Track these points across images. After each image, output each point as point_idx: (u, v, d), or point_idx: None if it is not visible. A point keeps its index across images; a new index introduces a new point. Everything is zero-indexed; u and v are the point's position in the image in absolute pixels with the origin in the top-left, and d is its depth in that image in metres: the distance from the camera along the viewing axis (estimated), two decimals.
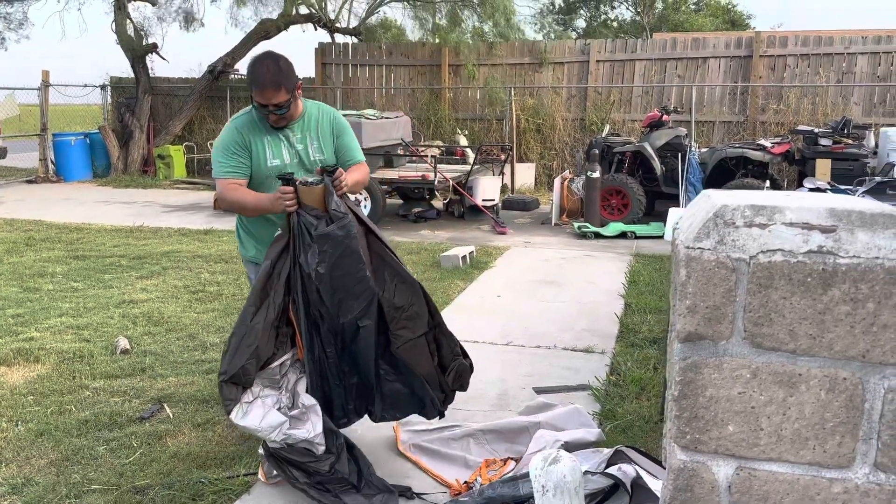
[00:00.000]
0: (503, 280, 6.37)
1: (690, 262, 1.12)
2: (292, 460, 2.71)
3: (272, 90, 2.78)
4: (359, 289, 2.73)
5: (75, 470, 3.07)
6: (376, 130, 8.96)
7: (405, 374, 2.90)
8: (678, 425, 1.16)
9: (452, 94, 12.85)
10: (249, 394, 2.68)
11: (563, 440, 2.93)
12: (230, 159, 2.92)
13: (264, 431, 2.64)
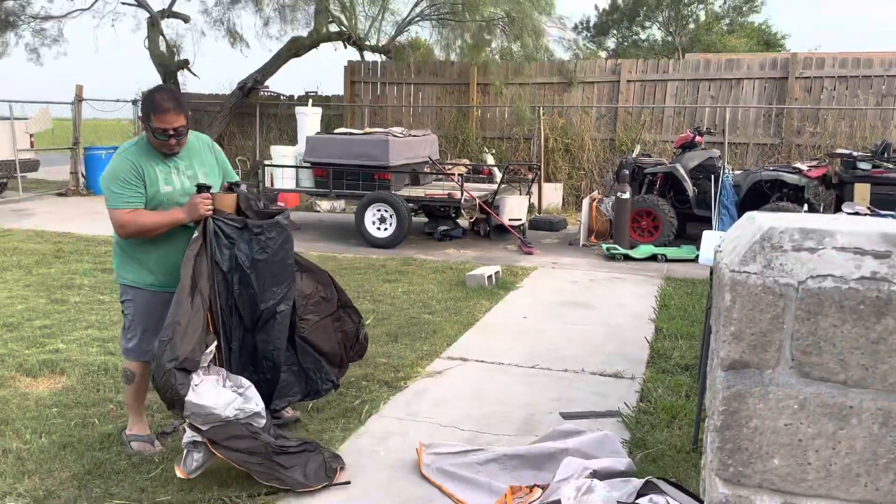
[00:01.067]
0: (530, 301, 6.29)
1: (736, 287, 1.05)
2: (238, 447, 2.87)
3: (174, 114, 3.01)
4: (285, 274, 3.14)
5: (97, 484, 3.05)
6: (403, 148, 8.97)
7: (302, 358, 3.32)
8: (720, 457, 1.09)
9: (480, 112, 12.86)
10: (196, 377, 2.86)
11: (591, 468, 2.84)
12: (127, 189, 3.06)
13: (220, 408, 2.83)
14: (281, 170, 9.40)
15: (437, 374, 4.42)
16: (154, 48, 13.47)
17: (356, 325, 3.50)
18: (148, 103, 3.04)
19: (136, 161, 3.08)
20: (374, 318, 5.57)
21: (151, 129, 3.04)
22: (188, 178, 3.18)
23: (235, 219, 3.07)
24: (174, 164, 3.16)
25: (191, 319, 2.86)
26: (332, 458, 3.12)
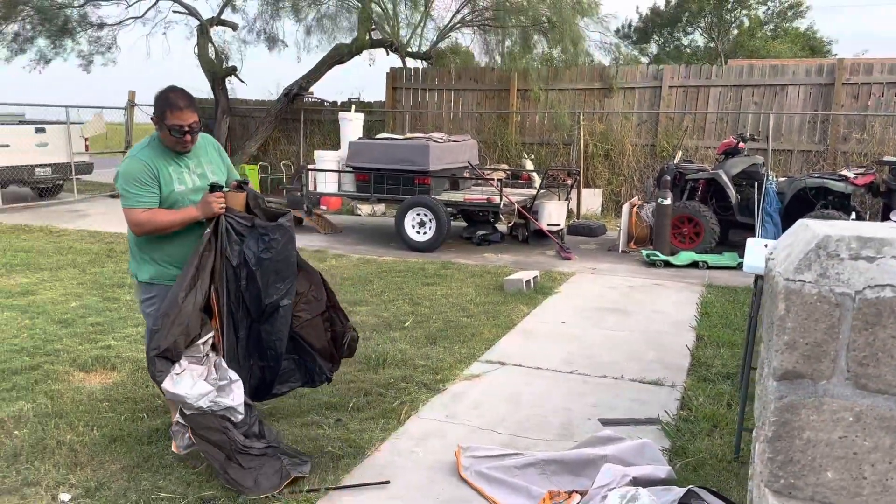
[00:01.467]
0: (568, 306, 6.26)
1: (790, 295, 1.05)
2: (210, 438, 3.03)
3: (189, 112, 3.12)
4: (287, 272, 3.30)
5: (145, 477, 3.14)
6: (443, 153, 9.02)
7: (299, 350, 3.48)
8: (771, 468, 1.09)
9: (520, 118, 12.85)
10: (178, 366, 3.03)
11: (631, 475, 2.83)
12: (143, 190, 3.15)
13: (192, 398, 2.98)
14: (324, 174, 9.53)
15: (475, 377, 4.44)
16: (203, 55, 13.77)
17: (343, 327, 3.63)
18: (163, 103, 3.11)
19: (150, 162, 3.17)
20: (413, 321, 5.61)
21: (167, 128, 3.12)
22: (198, 176, 3.30)
23: (245, 217, 3.24)
24: (185, 163, 3.26)
25: (180, 312, 3.04)
26: (292, 464, 3.13)
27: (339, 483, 3.08)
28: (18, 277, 6.87)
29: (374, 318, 5.66)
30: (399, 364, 4.58)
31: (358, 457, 3.32)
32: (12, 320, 5.41)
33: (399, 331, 5.35)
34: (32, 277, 6.87)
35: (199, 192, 3.25)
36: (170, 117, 3.09)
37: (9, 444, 3.40)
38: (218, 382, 3.11)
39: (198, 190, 3.26)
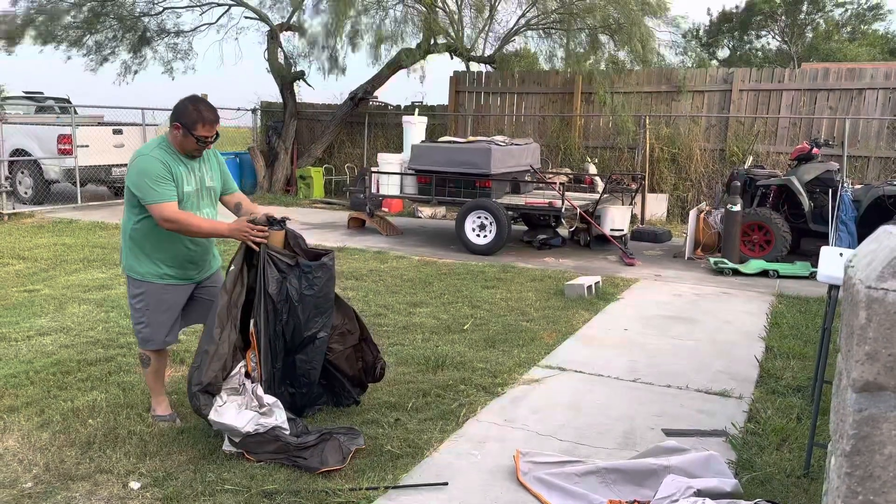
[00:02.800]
0: (631, 313, 6.15)
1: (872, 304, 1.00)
2: (267, 450, 3.26)
3: (214, 125, 3.43)
4: (326, 306, 3.56)
5: (211, 469, 3.23)
6: (505, 156, 8.99)
7: (330, 377, 3.76)
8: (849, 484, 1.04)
9: (583, 121, 12.71)
10: (219, 399, 3.27)
11: (695, 488, 2.75)
12: (163, 185, 3.34)
13: (240, 425, 3.22)
14: (387, 176, 9.64)
15: (535, 381, 4.40)
16: (273, 60, 14.12)
17: (374, 357, 3.88)
18: (194, 114, 3.35)
19: (164, 161, 3.37)
20: (472, 323, 5.61)
21: (195, 137, 3.37)
22: (198, 179, 3.53)
23: (288, 255, 3.47)
24: (191, 166, 3.49)
25: (217, 348, 3.31)
26: (347, 440, 3.34)
27: (397, 482, 3.10)
28: (95, 272, 7.18)
29: (433, 320, 5.69)
30: (457, 366, 4.59)
31: (416, 457, 3.34)
32: (89, 313, 5.65)
33: (458, 333, 5.36)
34: (108, 273, 7.17)
35: (200, 194, 3.52)
36: (199, 129, 3.37)
37: (83, 433, 3.55)
38: (259, 409, 3.31)
39: (201, 192, 3.53)
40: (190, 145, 3.42)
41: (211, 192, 3.61)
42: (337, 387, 3.84)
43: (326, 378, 3.78)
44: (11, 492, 3.02)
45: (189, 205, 3.46)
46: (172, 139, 3.44)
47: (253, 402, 3.35)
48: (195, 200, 3.50)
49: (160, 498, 2.99)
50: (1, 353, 4.68)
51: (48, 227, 10.02)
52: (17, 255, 7.95)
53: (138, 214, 3.47)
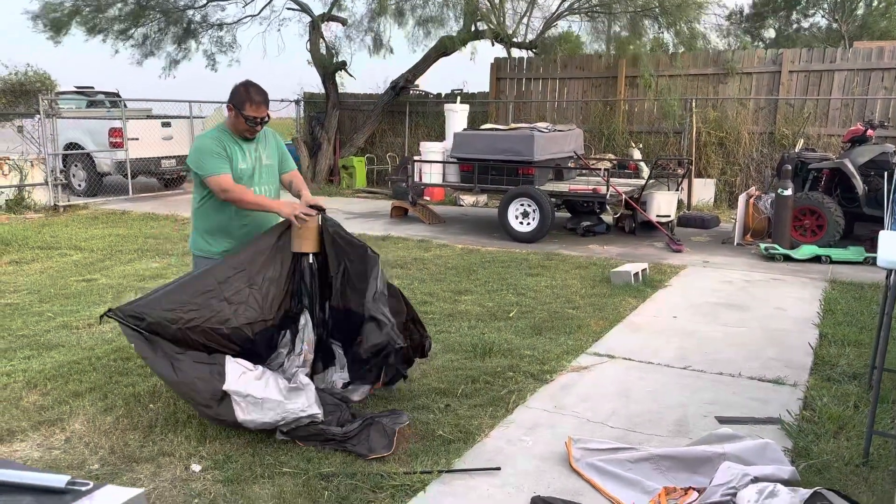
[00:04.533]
0: (679, 300, 6.07)
1: None
2: (315, 440, 3.35)
3: (264, 106, 3.63)
4: (363, 284, 3.63)
5: (268, 452, 3.31)
6: (548, 143, 8.93)
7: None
8: None
9: (628, 106, 12.53)
10: (237, 384, 3.29)
11: (752, 475, 2.73)
12: (219, 160, 3.57)
13: (271, 418, 3.30)
14: (429, 165, 9.67)
15: (583, 369, 4.39)
16: (315, 51, 14.24)
17: (421, 337, 4.00)
18: (244, 95, 3.58)
19: (218, 139, 3.62)
20: (517, 311, 5.61)
21: (244, 117, 3.57)
22: (255, 159, 3.72)
23: (343, 235, 3.73)
24: (247, 146, 3.70)
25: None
26: (391, 422, 3.40)
27: (450, 467, 3.14)
28: (149, 262, 7.38)
29: (478, 308, 5.71)
30: (505, 353, 4.60)
31: (468, 442, 3.37)
32: None
33: (503, 321, 5.37)
34: (161, 262, 7.37)
35: (256, 172, 3.71)
36: (248, 109, 3.57)
37: (145, 417, 3.67)
38: (288, 385, 3.37)
39: (257, 170, 3.72)
40: (241, 125, 3.62)
41: (269, 169, 3.79)
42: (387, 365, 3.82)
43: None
44: (80, 473, 3.15)
45: (245, 181, 3.66)
46: (228, 122, 3.69)
47: (284, 378, 3.47)
48: (250, 179, 3.69)
49: (221, 480, 3.08)
50: (64, 340, 4.86)
51: (102, 219, 10.32)
52: (74, 245, 8.22)
53: (202, 195, 3.71)
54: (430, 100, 14.50)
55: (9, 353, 4.57)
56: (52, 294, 6.04)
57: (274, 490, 2.99)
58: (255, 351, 3.61)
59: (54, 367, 4.31)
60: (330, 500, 2.91)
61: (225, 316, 3.49)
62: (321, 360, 3.79)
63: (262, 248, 3.64)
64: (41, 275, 6.78)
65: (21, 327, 5.11)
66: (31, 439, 3.44)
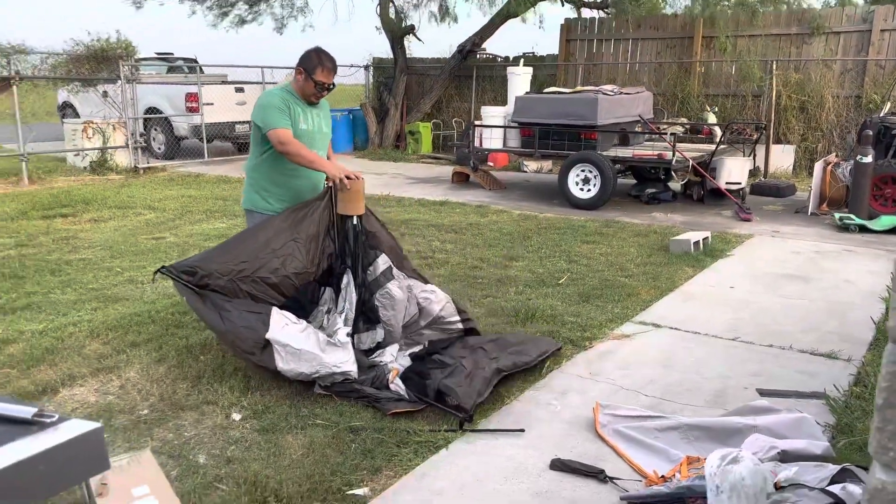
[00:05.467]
0: (739, 270, 5.86)
1: None
2: (349, 396, 3.44)
3: (333, 73, 3.75)
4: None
5: (305, 405, 3.43)
6: (613, 106, 8.69)
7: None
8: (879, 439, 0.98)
9: (704, 68, 12.01)
10: (280, 334, 3.42)
11: (780, 448, 2.64)
12: (282, 116, 3.68)
13: (307, 369, 3.42)
14: (490, 130, 9.59)
15: (626, 337, 4.32)
16: (384, 14, 14.24)
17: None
18: (315, 60, 3.70)
19: (284, 98, 3.74)
20: (567, 278, 5.55)
21: (314, 81, 3.71)
22: (315, 123, 3.86)
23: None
24: (308, 110, 3.82)
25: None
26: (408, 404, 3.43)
27: (475, 426, 3.17)
28: (216, 223, 7.68)
29: (528, 274, 5.68)
30: (548, 319, 4.58)
31: (496, 404, 3.39)
32: None
33: (552, 287, 5.33)
34: (228, 223, 7.64)
35: (316, 133, 3.85)
36: (318, 74, 3.71)
37: (194, 367, 3.86)
38: (327, 340, 3.47)
39: (317, 131, 3.86)
40: (309, 89, 3.75)
41: (324, 136, 3.94)
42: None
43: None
44: (130, 417, 3.35)
45: (304, 142, 3.76)
46: (295, 84, 3.80)
47: (324, 333, 3.59)
48: (309, 140, 3.79)
49: (258, 429, 3.22)
50: (128, 293, 5.14)
51: (177, 181, 10.77)
52: (149, 205, 8.62)
53: (261, 150, 3.82)
54: (498, 63, 14.30)
55: (78, 304, 4.87)
56: (123, 251, 6.38)
57: (305, 440, 3.11)
58: (299, 302, 3.74)
59: (116, 318, 4.57)
60: (356, 452, 3.00)
61: (273, 266, 3.65)
62: (363, 319, 3.86)
63: (302, 210, 3.79)
64: (115, 232, 7.16)
65: (91, 281, 5.44)
66: (88, 384, 3.68)
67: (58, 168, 11.63)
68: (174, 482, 2.77)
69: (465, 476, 2.81)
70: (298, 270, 3.71)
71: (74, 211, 8.20)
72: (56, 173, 11.15)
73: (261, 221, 3.77)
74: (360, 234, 3.84)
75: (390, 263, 3.83)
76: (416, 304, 3.88)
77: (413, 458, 2.94)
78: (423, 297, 3.89)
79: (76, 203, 8.58)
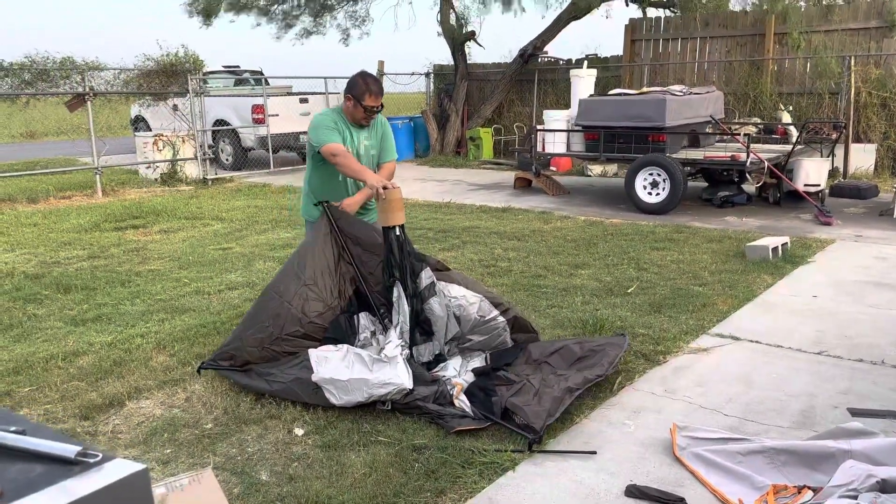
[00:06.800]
0: (822, 278, 5.52)
1: None
2: (414, 413, 3.35)
3: (379, 96, 3.86)
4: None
5: (367, 420, 3.36)
6: (682, 107, 8.38)
7: None
8: None
9: (776, 65, 11.50)
10: (338, 369, 3.37)
11: (878, 477, 2.40)
12: (331, 132, 3.82)
13: (359, 396, 3.35)
14: (552, 134, 9.40)
15: (702, 350, 4.09)
16: (445, 21, 14.23)
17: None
18: (362, 86, 3.82)
19: (335, 119, 3.91)
20: (637, 287, 5.34)
21: (363, 107, 3.84)
22: (363, 146, 3.98)
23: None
24: (356, 133, 3.95)
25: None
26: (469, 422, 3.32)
27: (544, 447, 3.03)
28: (281, 232, 7.75)
29: (594, 282, 5.49)
30: (617, 331, 4.39)
31: (565, 422, 3.24)
32: (272, 270, 6.11)
33: (620, 296, 5.13)
34: (292, 233, 7.71)
35: (361, 155, 3.95)
36: (367, 99, 3.83)
37: None
38: (374, 357, 3.41)
39: (362, 153, 3.96)
40: (359, 114, 3.89)
41: (370, 157, 4.03)
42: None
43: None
44: (194, 431, 3.35)
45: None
46: (345, 109, 3.94)
47: (372, 351, 3.55)
48: (357, 159, 3.91)
49: (320, 445, 3.17)
50: (195, 304, 5.20)
51: (244, 191, 10.97)
52: (216, 216, 8.79)
53: (315, 165, 4.02)
54: (561, 66, 14.07)
55: (146, 315, 4.96)
56: (191, 261, 6.49)
57: (367, 458, 3.03)
58: (336, 340, 3.76)
59: (183, 329, 4.62)
60: (419, 472, 2.90)
61: (295, 317, 3.71)
62: (418, 331, 3.77)
63: (306, 246, 3.91)
64: (183, 243, 7.31)
65: (159, 292, 5.53)
66: (155, 397, 3.70)
67: (130, 180, 12.03)
68: (236, 501, 2.73)
69: (534, 502, 2.68)
70: (320, 311, 3.77)
71: (145, 222, 8.43)
72: (128, 185, 11.53)
73: (270, 280, 3.96)
74: (405, 243, 3.76)
75: (434, 278, 3.73)
76: (454, 317, 3.78)
77: (478, 480, 2.82)
78: (456, 304, 3.79)
79: (147, 214, 8.82)
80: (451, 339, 3.81)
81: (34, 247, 7.19)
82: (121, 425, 3.42)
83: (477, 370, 3.68)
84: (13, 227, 8.16)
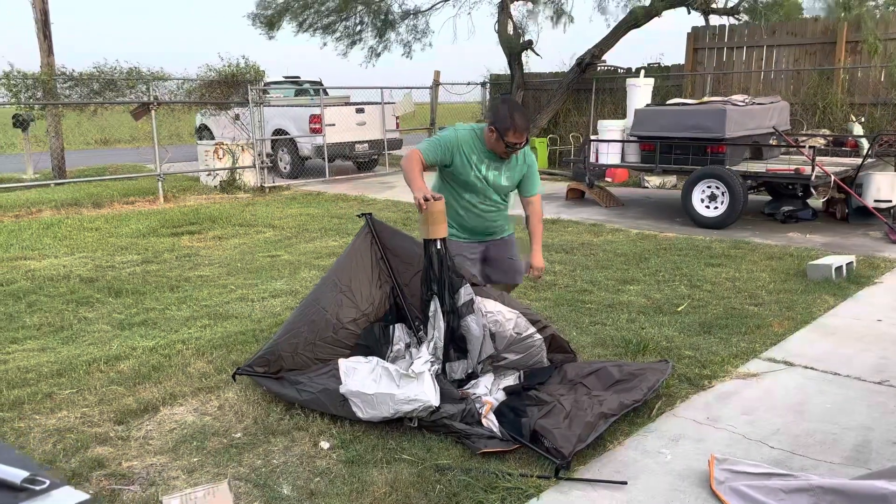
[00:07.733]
0: (889, 300, 5.18)
1: None
2: (441, 431, 3.26)
3: (524, 134, 3.61)
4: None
5: (393, 437, 3.29)
6: (743, 118, 8.06)
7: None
8: None
9: (848, 74, 10.97)
10: (366, 382, 3.34)
11: None
12: (437, 151, 3.67)
13: (384, 411, 3.30)
14: (607, 144, 9.19)
15: (752, 376, 3.87)
16: (503, 31, 14.17)
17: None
18: (508, 122, 3.55)
19: (462, 143, 3.68)
20: (687, 305, 5.12)
21: (505, 143, 3.59)
22: (494, 175, 3.76)
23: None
24: (493, 163, 3.75)
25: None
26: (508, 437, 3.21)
27: (571, 474, 2.89)
28: (329, 241, 7.80)
29: (642, 299, 5.29)
30: (662, 351, 4.20)
31: (597, 448, 3.09)
32: (315, 278, 6.14)
33: (669, 315, 4.92)
34: (340, 241, 7.74)
35: (492, 185, 3.76)
36: (510, 135, 3.58)
37: None
38: (402, 373, 3.34)
39: (492, 183, 3.76)
40: (500, 148, 3.68)
41: (502, 189, 3.83)
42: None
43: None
44: (223, 440, 3.34)
45: (475, 191, 3.78)
46: (486, 136, 3.71)
47: (402, 365, 3.49)
48: (483, 188, 3.77)
49: (344, 460, 3.11)
50: (238, 311, 5.25)
51: (298, 199, 11.12)
52: (269, 223, 8.92)
53: (437, 179, 3.92)
54: (619, 75, 13.80)
55: (190, 321, 5.03)
56: (239, 268, 6.58)
57: (390, 476, 2.95)
58: (368, 348, 3.72)
59: (223, 336, 4.66)
60: (440, 494, 2.81)
61: (330, 321, 3.69)
62: (453, 347, 3.68)
63: (346, 256, 3.86)
64: (234, 250, 7.42)
65: (205, 297, 5.61)
66: (188, 404, 3.72)
67: (191, 187, 12.36)
68: None
69: None
70: (354, 317, 3.73)
71: (200, 229, 8.62)
72: (189, 192, 11.85)
73: (316, 284, 3.92)
74: (445, 257, 3.63)
75: (472, 295, 3.62)
76: (490, 335, 3.65)
77: None
78: (493, 319, 3.66)
79: (203, 221, 9.02)
80: (485, 358, 3.71)
81: (92, 251, 7.43)
82: (153, 431, 3.44)
83: (508, 388, 3.56)
84: (76, 232, 8.46)
